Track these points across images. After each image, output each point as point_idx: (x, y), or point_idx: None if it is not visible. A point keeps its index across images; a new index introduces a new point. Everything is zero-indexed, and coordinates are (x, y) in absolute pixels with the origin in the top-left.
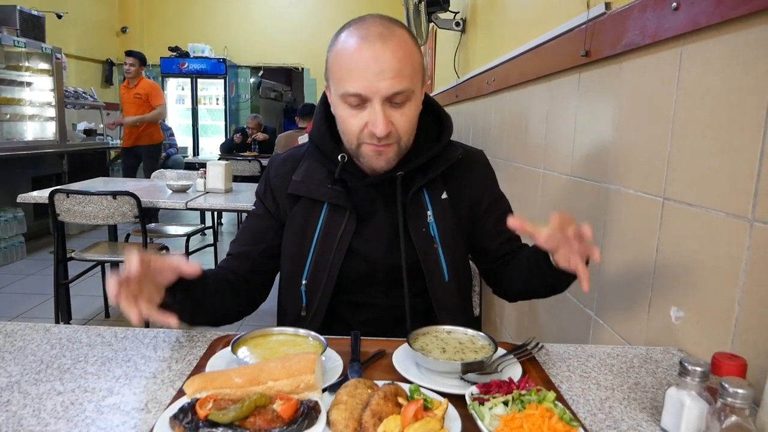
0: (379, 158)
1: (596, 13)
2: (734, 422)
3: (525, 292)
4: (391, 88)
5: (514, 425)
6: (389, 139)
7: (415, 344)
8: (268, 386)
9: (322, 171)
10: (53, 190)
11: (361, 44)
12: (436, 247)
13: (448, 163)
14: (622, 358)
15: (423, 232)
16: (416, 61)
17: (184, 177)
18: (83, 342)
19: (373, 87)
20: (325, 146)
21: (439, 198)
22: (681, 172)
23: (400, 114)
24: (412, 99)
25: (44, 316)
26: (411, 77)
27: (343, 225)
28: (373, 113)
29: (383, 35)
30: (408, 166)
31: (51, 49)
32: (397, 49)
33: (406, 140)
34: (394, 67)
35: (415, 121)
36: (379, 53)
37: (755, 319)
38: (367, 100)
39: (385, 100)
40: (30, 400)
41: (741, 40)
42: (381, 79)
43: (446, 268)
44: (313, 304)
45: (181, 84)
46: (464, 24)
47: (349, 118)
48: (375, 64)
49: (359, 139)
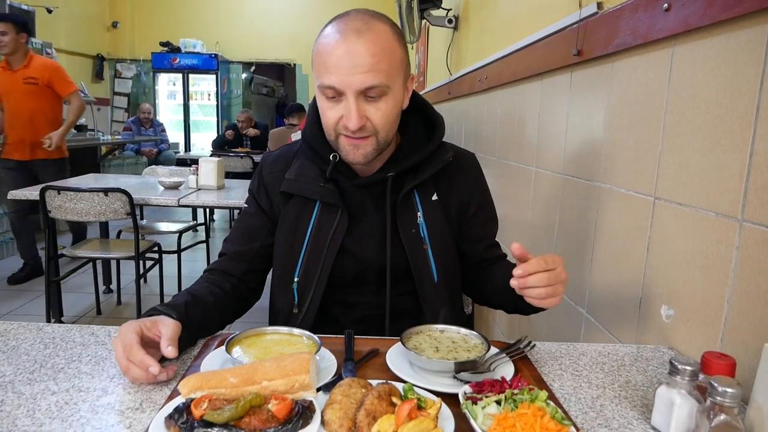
0: (357, 152)
1: (588, 13)
2: (723, 421)
3: (493, 303)
4: (363, 82)
5: (506, 424)
6: (364, 132)
7: (408, 343)
8: (262, 386)
9: (315, 170)
10: (44, 186)
11: (338, 39)
12: (425, 248)
13: (439, 165)
14: (613, 356)
15: (413, 233)
16: (395, 56)
17: (176, 173)
18: (77, 341)
19: (346, 81)
20: (317, 145)
21: (429, 199)
22: (671, 172)
23: (375, 109)
24: (389, 94)
25: (35, 313)
26: (387, 72)
27: (335, 224)
28: (347, 106)
29: (359, 30)
30: (398, 166)
31: (41, 43)
32: (372, 45)
33: (384, 135)
34: (366, 62)
35: (393, 116)
36: (352, 48)
37: (744, 318)
38: (342, 94)
39: (359, 94)
40: (24, 400)
41: (731, 42)
42: (353, 73)
43: (435, 269)
44: (305, 303)
45: (173, 79)
46: (457, 21)
47: (327, 110)
48: (348, 59)
49: (336, 131)
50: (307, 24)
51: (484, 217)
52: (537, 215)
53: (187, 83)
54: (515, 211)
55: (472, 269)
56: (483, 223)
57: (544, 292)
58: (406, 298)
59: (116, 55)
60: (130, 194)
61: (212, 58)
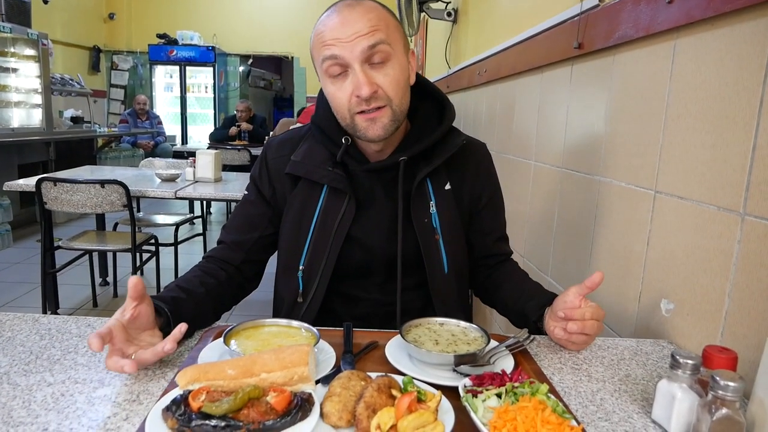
0: (375, 125)
1: (589, 5)
2: (725, 415)
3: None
4: (365, 43)
5: (507, 417)
6: (378, 101)
7: (407, 336)
8: (261, 378)
9: (324, 152)
10: (40, 178)
11: (331, 15)
12: (437, 239)
13: (452, 149)
14: (612, 350)
15: (425, 222)
16: (390, 23)
17: (173, 166)
18: (73, 332)
19: (347, 48)
20: (328, 128)
21: (442, 188)
22: (673, 166)
23: (383, 75)
24: (393, 57)
25: (31, 305)
26: (386, 32)
27: (342, 210)
28: (355, 77)
29: (350, 5)
30: (411, 150)
31: (37, 34)
32: (366, 12)
33: (398, 103)
34: (365, 26)
35: (402, 82)
36: (347, 17)
37: (745, 313)
38: (347, 66)
39: (363, 62)
40: (20, 392)
41: (735, 34)
42: (353, 38)
43: (446, 260)
44: (310, 291)
45: (170, 72)
46: (456, 14)
47: (336, 92)
48: (346, 27)
49: (350, 111)
50: (304, 16)
51: (495, 208)
52: (536, 209)
53: (184, 75)
54: (514, 206)
55: (479, 263)
56: (493, 215)
57: (577, 348)
58: (415, 294)
59: (113, 47)
60: (127, 186)
61: (209, 50)
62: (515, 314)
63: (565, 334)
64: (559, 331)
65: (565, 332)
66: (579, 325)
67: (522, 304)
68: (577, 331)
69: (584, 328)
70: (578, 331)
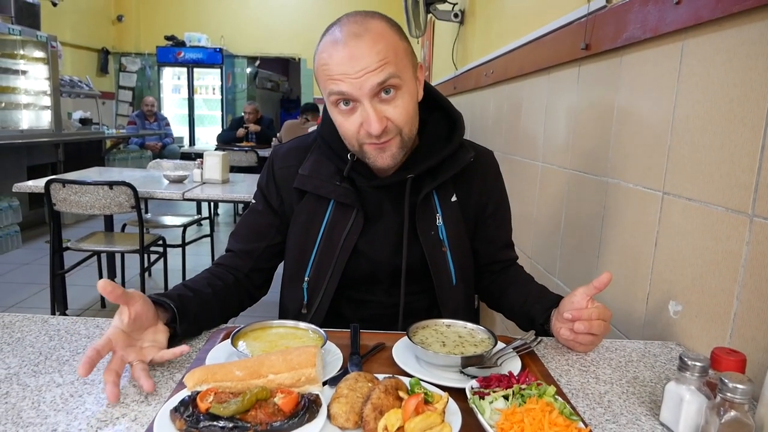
0: (384, 155)
1: (597, 6)
2: (733, 417)
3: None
4: (374, 80)
5: (514, 419)
6: (388, 134)
7: (414, 338)
8: (268, 379)
9: (331, 167)
10: (49, 179)
11: (337, 47)
12: (444, 250)
13: (460, 166)
14: (620, 351)
15: (432, 234)
16: (399, 48)
17: (180, 167)
18: (82, 333)
19: (356, 85)
20: (334, 143)
21: (448, 200)
22: (681, 167)
23: (393, 108)
24: (402, 88)
25: (40, 306)
26: (395, 63)
27: (349, 224)
28: (365, 113)
29: (357, 33)
30: (419, 167)
31: (46, 37)
32: (374, 44)
33: (408, 131)
34: (373, 62)
35: (411, 110)
36: (355, 52)
37: (754, 315)
38: (356, 101)
39: (373, 97)
40: (29, 392)
41: (743, 35)
42: (362, 75)
43: (454, 272)
44: (314, 303)
45: (177, 73)
46: (463, 15)
47: (344, 122)
48: (354, 63)
49: (359, 141)
50: (312, 18)
51: (500, 217)
52: (544, 211)
53: (191, 77)
54: (522, 207)
55: (484, 270)
56: (498, 224)
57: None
58: (420, 296)
59: (121, 49)
60: (135, 188)
61: (217, 52)
62: (522, 318)
63: (571, 334)
64: (566, 332)
65: (572, 333)
66: (586, 325)
67: (528, 307)
68: (584, 331)
69: (591, 328)
70: (585, 331)
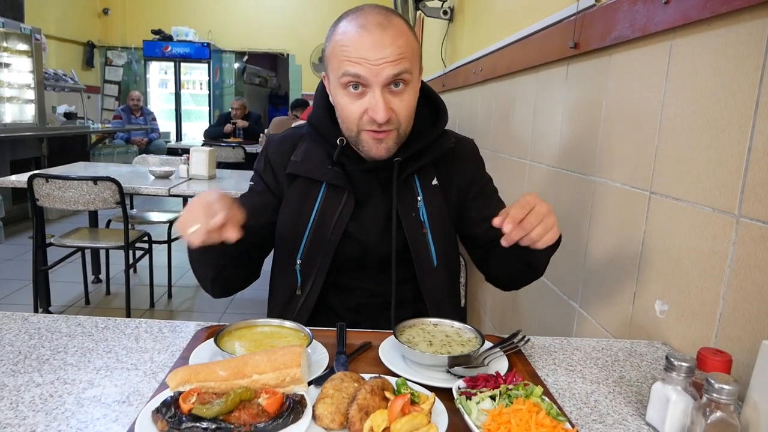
0: (379, 146)
1: (585, 5)
2: (719, 418)
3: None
4: (391, 71)
5: (501, 420)
6: (389, 125)
7: (401, 337)
8: (253, 380)
9: (321, 153)
10: (32, 174)
11: (361, 32)
12: (425, 232)
13: (440, 152)
14: (607, 351)
15: (413, 216)
16: (415, 48)
17: (166, 163)
18: (63, 332)
19: (373, 71)
20: (323, 129)
21: (429, 183)
22: (668, 167)
23: (399, 100)
24: (411, 85)
25: (22, 302)
26: (410, 60)
27: (341, 206)
28: (373, 99)
29: (382, 24)
30: (406, 152)
31: (30, 29)
32: (397, 38)
33: (405, 127)
34: (393, 53)
35: (413, 108)
36: (378, 40)
37: (739, 315)
38: (367, 86)
39: (384, 87)
40: (7, 392)
41: (731, 36)
42: (381, 63)
43: (435, 254)
44: (307, 284)
45: (164, 68)
46: (452, 13)
47: (348, 104)
48: (375, 50)
49: (359, 126)
50: (301, 14)
51: (487, 197)
52: None
53: (178, 72)
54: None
55: (485, 251)
56: (486, 203)
57: (541, 229)
58: (406, 286)
59: (107, 43)
60: (120, 183)
61: (204, 46)
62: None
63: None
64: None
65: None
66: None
67: None
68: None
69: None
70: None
